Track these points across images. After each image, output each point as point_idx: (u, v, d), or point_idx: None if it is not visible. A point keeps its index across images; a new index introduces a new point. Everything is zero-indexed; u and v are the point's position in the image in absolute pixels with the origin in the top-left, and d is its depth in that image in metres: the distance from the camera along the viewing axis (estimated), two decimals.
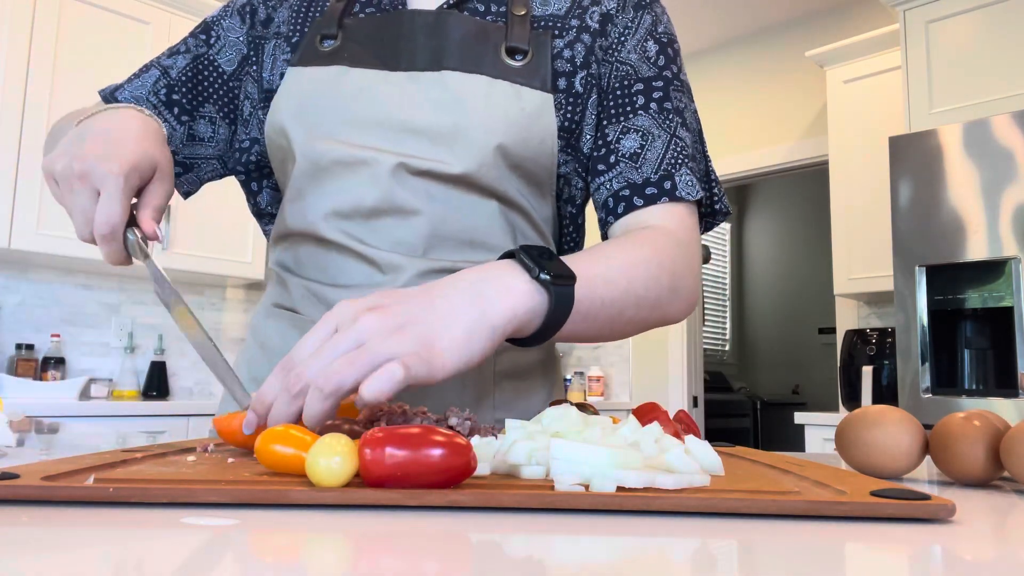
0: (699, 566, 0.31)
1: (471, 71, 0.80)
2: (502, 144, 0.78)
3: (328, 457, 0.41)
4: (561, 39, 0.84)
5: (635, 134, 0.82)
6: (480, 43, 0.81)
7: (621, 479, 0.42)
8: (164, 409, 2.75)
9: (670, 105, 0.83)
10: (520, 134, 0.79)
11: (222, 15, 0.93)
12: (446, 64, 0.80)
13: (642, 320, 0.73)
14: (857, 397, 3.07)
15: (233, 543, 0.33)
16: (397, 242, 0.78)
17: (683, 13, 3.95)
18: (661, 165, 0.80)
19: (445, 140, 0.78)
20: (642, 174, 0.80)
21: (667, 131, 0.82)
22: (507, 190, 0.80)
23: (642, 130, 0.82)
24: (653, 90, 0.83)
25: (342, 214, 0.79)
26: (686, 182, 0.80)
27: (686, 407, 4.16)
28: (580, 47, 0.84)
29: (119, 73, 2.96)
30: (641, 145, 0.81)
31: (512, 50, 0.81)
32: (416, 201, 0.78)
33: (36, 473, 0.42)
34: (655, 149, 0.81)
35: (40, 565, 0.28)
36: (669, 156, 0.81)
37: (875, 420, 0.60)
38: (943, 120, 2.76)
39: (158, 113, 0.88)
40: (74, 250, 2.79)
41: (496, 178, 0.79)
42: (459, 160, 0.78)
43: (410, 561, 0.30)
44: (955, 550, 0.35)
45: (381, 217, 0.78)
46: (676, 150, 0.81)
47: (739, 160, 4.09)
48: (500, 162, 0.79)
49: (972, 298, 2.48)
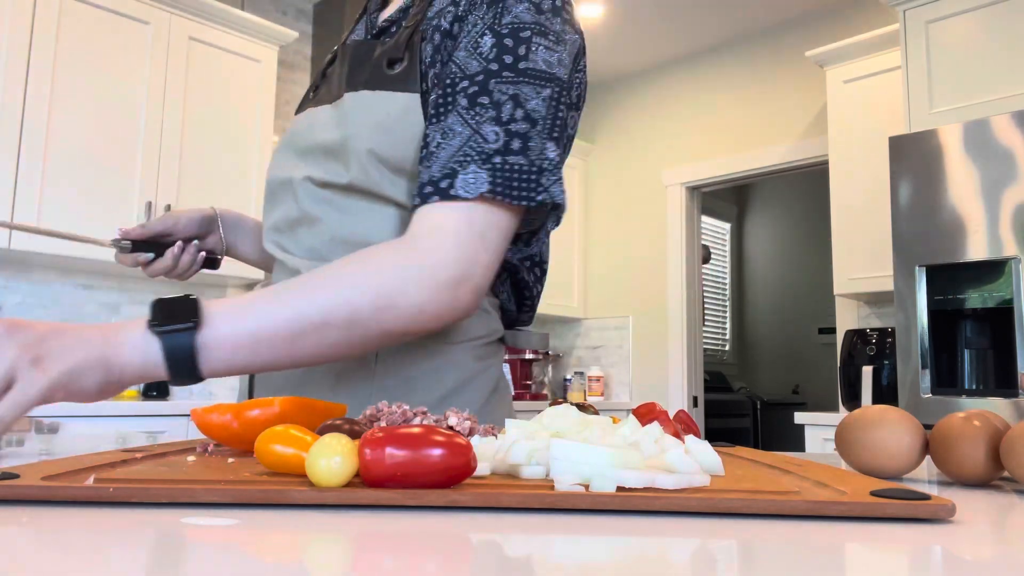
0: (699, 566, 0.31)
1: (357, 88, 0.86)
2: (373, 149, 0.82)
3: (328, 457, 0.41)
4: (427, 42, 0.85)
5: (438, 134, 0.79)
6: (367, 61, 0.88)
7: (621, 479, 0.42)
8: (164, 409, 2.75)
9: (486, 99, 0.78)
10: (387, 138, 0.82)
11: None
12: (346, 88, 0.87)
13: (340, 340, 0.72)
14: (857, 397, 3.07)
15: (233, 543, 0.33)
16: (309, 248, 0.88)
17: (683, 13, 3.95)
18: (448, 164, 0.77)
19: (334, 154, 0.86)
20: (429, 173, 0.77)
21: (471, 127, 0.78)
22: (395, 194, 0.84)
23: (444, 128, 0.79)
24: (470, 87, 0.79)
25: (277, 228, 0.92)
26: (467, 181, 0.75)
27: (686, 407, 4.16)
28: (429, 47, 0.84)
29: (119, 73, 2.96)
30: (438, 143, 0.78)
31: (391, 61, 0.86)
32: (318, 210, 0.87)
33: (36, 473, 0.42)
34: (449, 148, 0.77)
35: (40, 565, 0.28)
36: (460, 154, 0.77)
37: (875, 420, 0.60)
38: (943, 120, 2.76)
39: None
40: (74, 250, 2.80)
41: (381, 182, 0.83)
42: (347, 169, 0.84)
43: (410, 561, 0.30)
44: (955, 550, 0.35)
45: (297, 227, 0.89)
46: (472, 146, 0.77)
47: (739, 160, 4.09)
48: (380, 167, 0.83)
49: (972, 298, 2.48)
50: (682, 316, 4.23)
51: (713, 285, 5.98)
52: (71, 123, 2.84)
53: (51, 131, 2.78)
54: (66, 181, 2.81)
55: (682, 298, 4.24)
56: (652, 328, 4.36)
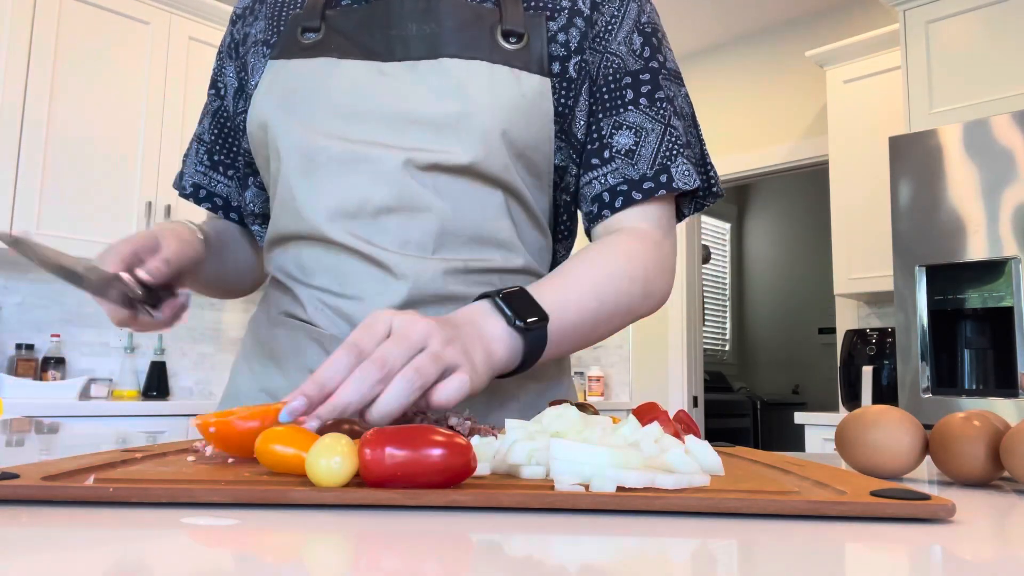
0: (699, 566, 0.31)
1: (470, 57, 0.78)
2: (506, 130, 0.77)
3: (328, 457, 0.41)
4: (554, 22, 0.82)
5: (628, 130, 0.82)
6: (476, 27, 0.79)
7: (621, 479, 0.42)
8: (164, 409, 2.75)
9: (661, 94, 0.83)
10: (522, 120, 0.78)
11: (219, 63, 0.95)
12: (444, 51, 0.78)
13: (615, 327, 0.78)
14: (857, 397, 3.07)
15: (233, 543, 0.33)
16: (406, 241, 0.76)
17: (683, 13, 3.95)
18: (656, 159, 0.81)
19: (450, 129, 0.76)
20: (638, 170, 0.81)
21: (660, 122, 0.82)
22: (511, 179, 0.79)
23: (635, 126, 0.82)
24: (642, 83, 0.83)
25: (347, 214, 0.76)
26: (683, 172, 0.81)
27: (686, 407, 4.16)
28: (575, 32, 0.82)
29: (119, 73, 2.96)
30: (636, 142, 0.81)
31: (508, 33, 0.79)
32: (426, 197, 0.76)
33: (36, 473, 0.42)
34: (649, 144, 0.81)
35: (40, 565, 0.28)
36: (664, 149, 0.81)
37: (875, 420, 0.60)
38: (943, 120, 2.76)
39: (210, 179, 0.95)
40: (74, 250, 2.79)
41: (502, 167, 0.78)
42: (466, 149, 0.76)
43: (410, 561, 0.30)
44: (955, 550, 0.35)
45: (389, 215, 0.76)
46: (671, 140, 0.82)
47: (739, 160, 4.09)
48: (505, 150, 0.78)
49: (972, 298, 2.48)
50: (682, 316, 4.23)
51: (713, 285, 5.98)
52: (71, 123, 2.83)
53: (51, 131, 2.78)
54: (66, 181, 2.81)
55: (682, 298, 4.24)
56: (652, 328, 4.35)
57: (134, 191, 2.97)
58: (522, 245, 0.82)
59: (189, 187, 0.96)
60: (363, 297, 0.77)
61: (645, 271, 0.78)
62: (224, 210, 0.97)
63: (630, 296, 0.76)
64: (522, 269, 0.82)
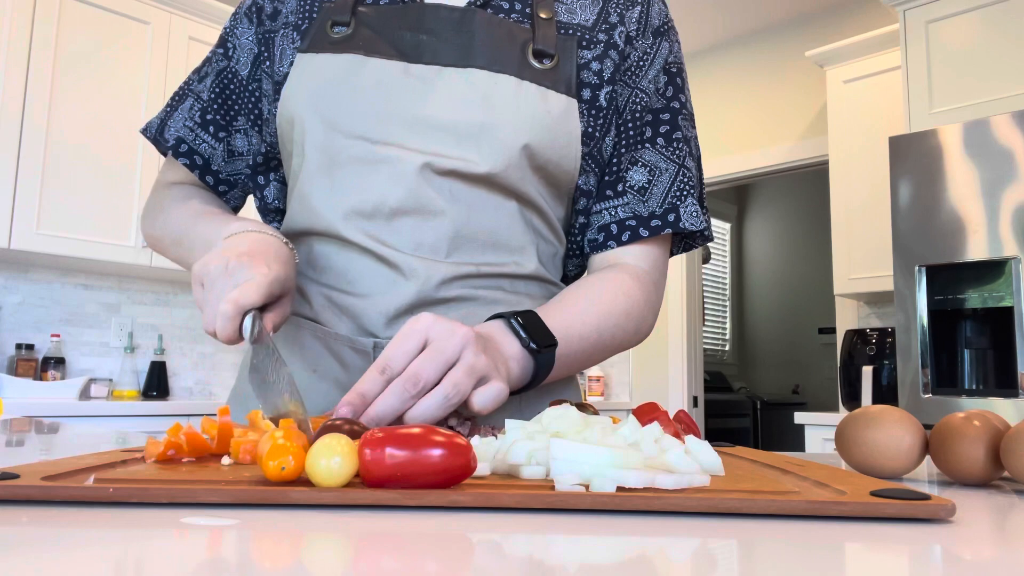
0: (699, 566, 0.31)
1: (499, 70, 0.79)
2: (528, 144, 0.78)
3: (328, 457, 0.41)
4: (588, 51, 0.84)
5: (643, 168, 0.85)
6: (507, 44, 0.80)
7: (621, 479, 0.42)
8: (164, 409, 2.75)
9: (679, 135, 0.86)
10: (546, 136, 0.79)
11: (233, 23, 0.92)
12: (473, 62, 0.79)
13: (605, 357, 0.83)
14: (857, 397, 3.07)
15: (233, 543, 0.33)
16: (419, 244, 0.77)
17: (683, 13, 3.94)
18: (667, 198, 0.84)
19: (472, 138, 0.77)
20: (648, 207, 0.84)
21: (675, 162, 0.85)
22: (528, 191, 0.81)
23: (650, 164, 0.85)
24: (661, 123, 0.86)
25: (364, 214, 0.77)
26: (690, 213, 0.84)
27: (686, 407, 4.16)
28: (609, 63, 0.85)
29: (119, 73, 2.96)
30: (649, 180, 0.84)
31: (539, 53, 0.81)
32: (441, 201, 0.77)
33: (36, 473, 0.42)
34: (662, 183, 0.85)
35: (40, 565, 0.28)
36: (675, 188, 0.84)
37: (875, 420, 0.60)
38: (943, 120, 2.76)
39: (196, 136, 0.91)
40: (74, 250, 2.79)
41: (519, 179, 0.79)
42: (485, 159, 0.77)
43: (410, 561, 0.30)
44: (955, 550, 0.35)
45: (403, 217, 0.76)
46: (683, 180, 0.85)
47: (739, 160, 4.09)
48: (524, 163, 0.79)
49: (972, 298, 2.48)
50: (682, 316, 4.23)
51: (713, 285, 5.98)
52: (71, 123, 2.83)
53: (51, 131, 2.78)
54: (66, 181, 2.81)
55: (682, 298, 4.24)
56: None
57: (134, 191, 2.97)
58: (534, 251, 0.83)
59: (172, 139, 0.91)
60: (370, 295, 0.77)
61: (640, 311, 0.83)
62: (202, 170, 0.92)
63: (624, 332, 0.81)
64: (532, 275, 0.83)
